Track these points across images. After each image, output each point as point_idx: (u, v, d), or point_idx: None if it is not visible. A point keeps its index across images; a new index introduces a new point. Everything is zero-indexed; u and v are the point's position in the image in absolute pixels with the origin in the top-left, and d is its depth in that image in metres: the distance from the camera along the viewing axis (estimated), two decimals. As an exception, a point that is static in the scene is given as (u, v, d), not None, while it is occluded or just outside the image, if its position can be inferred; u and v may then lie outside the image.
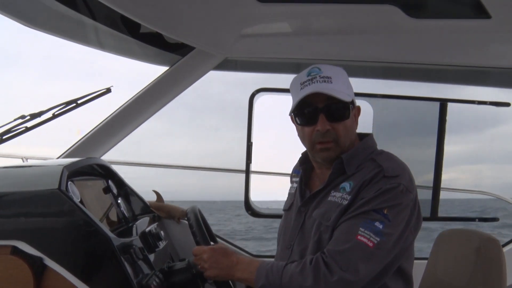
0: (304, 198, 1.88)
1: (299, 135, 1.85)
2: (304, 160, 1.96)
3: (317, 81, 1.72)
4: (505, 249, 3.05)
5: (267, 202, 3.32)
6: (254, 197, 3.19)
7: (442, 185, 3.25)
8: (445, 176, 3.22)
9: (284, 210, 2.04)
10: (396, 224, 1.62)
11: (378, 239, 1.58)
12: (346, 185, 1.73)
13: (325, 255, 1.59)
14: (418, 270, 1.88)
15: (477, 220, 3.46)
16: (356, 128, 1.85)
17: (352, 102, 1.79)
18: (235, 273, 1.69)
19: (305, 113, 1.76)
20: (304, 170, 1.95)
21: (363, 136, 1.88)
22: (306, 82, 1.74)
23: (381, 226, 1.59)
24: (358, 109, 1.86)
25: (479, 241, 2.02)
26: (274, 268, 1.64)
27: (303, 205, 1.86)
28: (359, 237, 1.58)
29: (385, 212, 1.61)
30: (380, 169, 1.68)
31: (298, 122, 1.81)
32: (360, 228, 1.59)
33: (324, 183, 1.81)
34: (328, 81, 1.72)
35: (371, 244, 1.57)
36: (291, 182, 2.09)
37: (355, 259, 1.57)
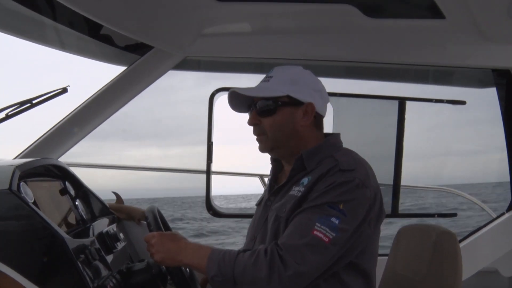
0: (271, 193, 1.92)
1: None
2: (275, 158, 2.00)
3: (262, 82, 1.87)
4: (462, 243, 3.13)
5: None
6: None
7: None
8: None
9: (256, 205, 2.08)
10: (352, 219, 1.63)
11: (334, 235, 1.59)
12: (305, 180, 1.75)
13: (280, 249, 1.59)
14: (379, 266, 1.90)
15: (436, 216, 3.53)
16: (305, 124, 1.84)
17: (292, 98, 1.80)
18: (182, 258, 1.67)
19: (250, 111, 1.90)
20: (274, 167, 2.00)
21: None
22: None
23: (337, 222, 1.60)
24: (309, 106, 1.83)
25: (436, 235, 2.05)
26: (226, 257, 1.63)
27: (269, 199, 1.91)
28: (315, 232, 1.59)
29: (341, 207, 1.62)
30: (336, 163, 1.71)
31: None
32: (317, 223, 1.60)
33: (287, 178, 1.85)
34: (266, 81, 1.85)
35: (326, 240, 1.58)
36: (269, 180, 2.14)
37: (310, 254, 1.58)
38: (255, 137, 1.88)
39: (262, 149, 1.88)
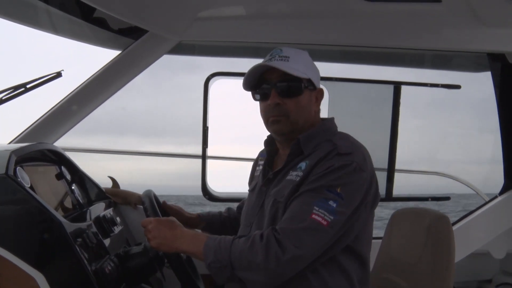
0: (266, 178, 1.92)
1: (260, 112, 1.90)
2: (269, 143, 1.99)
3: (275, 60, 1.79)
4: (455, 226, 3.16)
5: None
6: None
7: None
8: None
9: (249, 191, 2.08)
10: (349, 203, 1.65)
11: (332, 218, 1.60)
12: (303, 164, 1.75)
13: (278, 233, 1.60)
14: (373, 249, 1.92)
15: (430, 199, 3.55)
16: (317, 110, 1.89)
17: (311, 82, 1.82)
18: (178, 245, 1.69)
19: (261, 89, 1.84)
20: (268, 152, 1.99)
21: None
22: (266, 61, 1.81)
23: (334, 205, 1.61)
24: (320, 92, 1.89)
25: (430, 219, 2.08)
26: (222, 244, 1.64)
27: (264, 185, 1.90)
28: (313, 216, 1.60)
29: (339, 190, 1.63)
30: (334, 147, 1.72)
31: (256, 98, 1.88)
32: (315, 207, 1.61)
33: (284, 163, 1.84)
34: (285, 60, 1.78)
35: (325, 223, 1.59)
36: (257, 165, 2.12)
37: (309, 237, 1.59)
38: (270, 117, 1.82)
39: (279, 131, 1.84)
